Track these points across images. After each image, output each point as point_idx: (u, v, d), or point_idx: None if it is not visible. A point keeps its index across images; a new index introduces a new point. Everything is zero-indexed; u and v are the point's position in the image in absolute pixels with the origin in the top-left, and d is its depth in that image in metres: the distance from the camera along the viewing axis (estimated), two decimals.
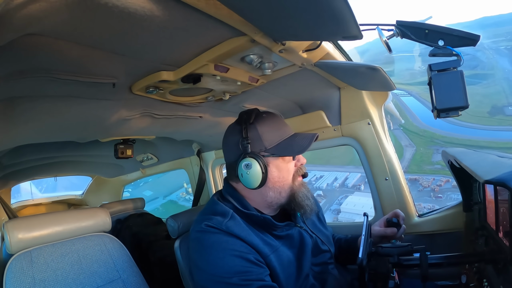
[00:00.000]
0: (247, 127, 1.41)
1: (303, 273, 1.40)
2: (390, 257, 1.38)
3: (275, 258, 1.33)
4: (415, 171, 25.22)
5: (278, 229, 1.42)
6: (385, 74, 1.44)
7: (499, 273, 1.12)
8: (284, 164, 1.43)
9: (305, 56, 1.33)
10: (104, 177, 4.85)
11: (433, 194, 21.89)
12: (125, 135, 2.53)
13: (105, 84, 1.34)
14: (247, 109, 1.52)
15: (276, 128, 1.44)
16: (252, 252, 1.28)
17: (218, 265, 1.23)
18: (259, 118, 1.44)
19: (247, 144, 1.38)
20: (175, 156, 3.58)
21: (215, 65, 1.30)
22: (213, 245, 1.27)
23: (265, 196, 1.43)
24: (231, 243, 1.27)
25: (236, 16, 0.94)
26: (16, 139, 1.91)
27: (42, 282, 1.50)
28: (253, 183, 1.37)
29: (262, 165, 1.35)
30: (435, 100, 1.07)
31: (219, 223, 1.32)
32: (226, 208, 1.41)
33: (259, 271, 1.25)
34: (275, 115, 1.51)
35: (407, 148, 28.11)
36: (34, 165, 3.33)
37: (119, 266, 1.74)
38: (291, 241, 1.45)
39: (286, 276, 1.34)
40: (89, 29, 0.90)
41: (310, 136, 1.43)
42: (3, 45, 0.81)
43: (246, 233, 1.32)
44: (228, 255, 1.24)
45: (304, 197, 1.45)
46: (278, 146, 1.41)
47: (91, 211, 1.89)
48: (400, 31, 1.11)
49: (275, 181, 1.41)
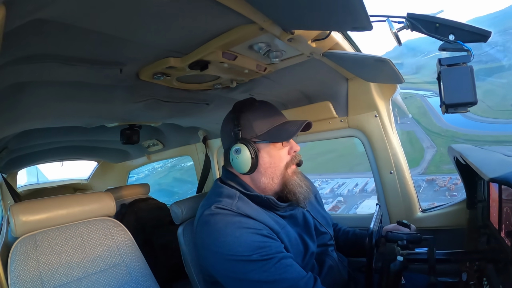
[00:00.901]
0: (239, 115, 1.46)
1: (309, 251, 1.43)
2: (399, 240, 1.39)
3: (285, 235, 1.36)
4: (433, 172, 25.14)
5: (281, 209, 1.46)
6: (394, 66, 1.43)
7: (500, 272, 1.11)
8: (276, 151, 1.45)
9: (313, 45, 1.32)
10: (110, 163, 4.88)
11: (448, 193, 21.86)
12: (131, 120, 2.55)
13: (112, 70, 1.35)
14: (242, 99, 1.56)
15: (267, 116, 1.47)
16: (265, 228, 1.30)
17: (236, 244, 1.23)
18: (251, 107, 1.48)
19: (238, 131, 1.44)
20: (181, 142, 3.58)
21: (223, 53, 1.30)
22: (227, 225, 1.28)
23: (258, 181, 1.46)
24: (244, 222, 1.29)
25: (245, 3, 0.94)
26: (23, 123, 1.92)
27: (46, 265, 1.51)
28: (243, 168, 1.41)
29: (252, 151, 1.40)
30: (443, 95, 1.06)
31: (229, 204, 1.35)
32: (232, 190, 1.45)
33: (276, 244, 1.28)
34: (267, 104, 1.54)
35: (428, 149, 27.99)
36: (41, 149, 3.35)
37: (122, 250, 1.76)
38: (295, 220, 1.49)
39: (294, 252, 1.36)
40: (97, 14, 0.90)
41: (300, 123, 1.44)
42: (11, 30, 0.81)
43: (257, 212, 1.35)
44: (244, 234, 1.25)
45: (296, 184, 1.47)
46: (268, 133, 1.44)
47: (95, 196, 1.90)
48: (410, 24, 1.10)
49: (266, 166, 1.44)
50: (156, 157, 4.08)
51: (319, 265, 1.49)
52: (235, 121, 1.46)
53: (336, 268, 1.52)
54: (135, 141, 2.82)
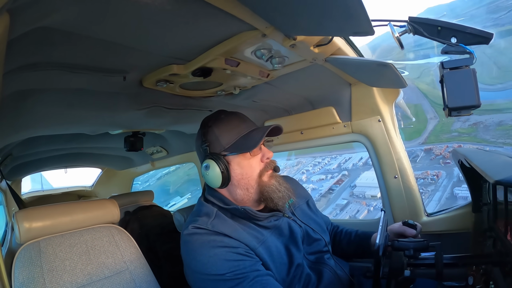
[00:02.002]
0: (206, 130, 1.47)
1: (295, 262, 1.41)
2: (406, 250, 1.38)
3: (264, 250, 1.34)
4: (433, 141, 25.31)
5: (263, 219, 1.44)
6: (397, 71, 1.43)
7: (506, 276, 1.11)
8: (246, 161, 1.44)
9: (316, 51, 1.32)
10: (114, 170, 4.89)
11: (443, 160, 22.15)
12: (135, 128, 2.55)
13: (116, 77, 1.36)
14: (210, 113, 1.56)
15: (233, 127, 1.46)
16: (241, 246, 1.29)
17: (210, 263, 1.24)
18: (217, 120, 1.48)
19: (206, 147, 1.45)
20: (185, 149, 3.58)
21: (226, 59, 1.30)
22: (202, 245, 1.29)
23: (234, 194, 1.46)
24: (218, 240, 1.29)
25: (247, 10, 0.94)
26: (27, 130, 1.93)
27: (50, 271, 1.51)
28: (215, 183, 1.42)
29: (221, 165, 1.40)
30: (446, 98, 1.06)
31: (205, 223, 1.35)
32: (210, 208, 1.45)
33: (251, 263, 1.26)
34: (234, 114, 1.53)
35: (431, 120, 28.07)
36: (45, 156, 3.36)
37: (126, 257, 1.75)
38: (279, 231, 1.47)
39: (277, 266, 1.35)
40: (101, 23, 0.91)
41: (264, 129, 1.43)
42: (15, 38, 0.82)
43: (232, 229, 1.34)
44: (218, 253, 1.25)
45: (274, 190, 1.45)
46: (235, 144, 1.43)
47: (100, 203, 1.90)
48: (412, 28, 1.10)
49: (238, 178, 1.44)
50: (160, 164, 4.08)
51: (317, 276, 1.47)
52: (202, 137, 1.47)
53: (335, 277, 1.50)
54: (138, 148, 2.83)
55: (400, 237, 1.59)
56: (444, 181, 23.85)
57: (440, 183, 23.36)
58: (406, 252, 1.38)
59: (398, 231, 1.61)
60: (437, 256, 1.30)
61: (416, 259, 1.38)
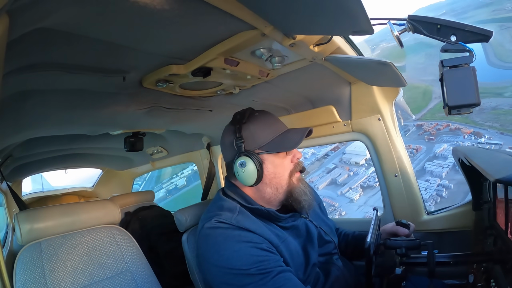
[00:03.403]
0: (240, 126, 1.45)
1: (311, 262, 1.42)
2: (398, 249, 1.40)
3: (285, 248, 1.35)
4: (427, 118, 25.60)
5: (283, 220, 1.45)
6: (396, 69, 1.43)
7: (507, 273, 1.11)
8: (279, 160, 1.45)
9: (315, 50, 1.32)
10: (114, 170, 4.89)
11: (427, 136, 22.85)
12: (135, 128, 2.55)
13: (115, 78, 1.36)
14: (241, 109, 1.55)
15: (269, 126, 1.47)
16: (264, 242, 1.30)
17: (235, 258, 1.24)
18: (252, 117, 1.47)
19: (241, 143, 1.42)
20: (185, 149, 3.59)
21: (225, 59, 1.30)
22: (226, 239, 1.29)
23: (263, 192, 1.46)
24: (243, 235, 1.29)
25: (247, 9, 0.94)
26: (27, 131, 1.93)
27: (52, 272, 1.51)
28: (249, 181, 1.40)
29: (256, 163, 1.39)
30: (446, 96, 1.06)
31: (229, 218, 1.34)
32: (233, 203, 1.44)
33: (275, 258, 1.27)
34: (267, 113, 1.53)
35: (435, 99, 28.31)
36: (45, 157, 3.36)
37: (128, 258, 1.76)
38: (297, 231, 1.48)
39: (295, 265, 1.36)
40: (100, 23, 0.91)
41: (302, 131, 1.44)
42: (15, 39, 0.82)
43: (256, 225, 1.34)
44: (243, 248, 1.25)
45: (302, 192, 1.47)
46: (272, 143, 1.43)
47: (100, 203, 1.90)
48: (412, 26, 1.10)
49: (271, 177, 1.44)
50: (160, 164, 4.08)
51: (325, 275, 1.48)
52: (236, 133, 1.45)
53: (342, 277, 1.51)
54: (139, 149, 2.83)
55: (393, 236, 1.60)
56: (422, 155, 24.47)
57: (417, 157, 23.98)
58: (398, 250, 1.40)
59: (391, 231, 1.63)
60: (429, 256, 1.31)
61: (408, 257, 1.39)
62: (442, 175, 24.89)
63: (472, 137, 30.81)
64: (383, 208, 2.12)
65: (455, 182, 23.14)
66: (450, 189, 23.54)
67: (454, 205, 1.94)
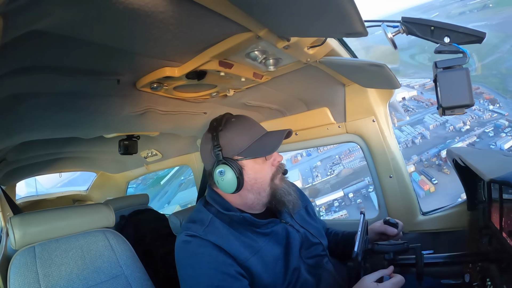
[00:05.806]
0: (217, 134, 1.42)
1: (291, 267, 1.40)
2: (386, 254, 1.40)
3: (257, 260, 1.33)
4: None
5: (261, 226, 1.43)
6: (390, 71, 1.43)
7: (503, 272, 1.12)
8: (259, 166, 1.44)
9: (310, 52, 1.32)
10: (108, 173, 4.86)
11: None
12: (129, 131, 2.54)
13: (109, 81, 1.35)
14: (218, 116, 1.53)
15: (246, 131, 1.45)
16: (229, 264, 1.28)
17: (193, 278, 1.26)
18: (228, 124, 1.45)
19: (219, 151, 1.40)
20: (180, 152, 3.57)
21: (220, 61, 1.30)
22: (190, 256, 1.30)
23: (246, 198, 1.45)
24: (207, 254, 1.28)
25: (241, 12, 0.94)
26: (21, 135, 1.91)
27: (46, 277, 1.50)
28: (230, 188, 1.39)
29: (236, 170, 1.37)
30: (440, 97, 1.06)
31: (198, 230, 1.34)
32: (206, 214, 1.44)
33: (234, 285, 1.25)
34: (245, 118, 1.51)
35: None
36: (39, 161, 3.33)
37: (122, 261, 1.75)
38: (276, 237, 1.46)
39: (272, 274, 1.34)
40: (94, 26, 0.90)
41: (281, 133, 1.43)
42: (8, 42, 0.81)
43: (224, 239, 1.33)
44: (204, 268, 1.25)
45: (285, 192, 1.46)
46: (250, 149, 1.42)
47: (95, 207, 1.89)
48: (405, 28, 1.10)
49: (252, 183, 1.42)
50: (154, 167, 4.06)
51: (316, 281, 1.46)
52: (214, 141, 1.42)
53: (334, 282, 1.50)
54: (133, 152, 2.82)
55: (381, 236, 1.61)
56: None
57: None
58: (386, 256, 1.40)
59: (379, 230, 1.62)
60: (417, 259, 1.32)
61: (396, 261, 1.40)
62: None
63: (486, 103, 34.67)
64: (378, 209, 2.13)
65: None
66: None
67: (449, 205, 1.95)
